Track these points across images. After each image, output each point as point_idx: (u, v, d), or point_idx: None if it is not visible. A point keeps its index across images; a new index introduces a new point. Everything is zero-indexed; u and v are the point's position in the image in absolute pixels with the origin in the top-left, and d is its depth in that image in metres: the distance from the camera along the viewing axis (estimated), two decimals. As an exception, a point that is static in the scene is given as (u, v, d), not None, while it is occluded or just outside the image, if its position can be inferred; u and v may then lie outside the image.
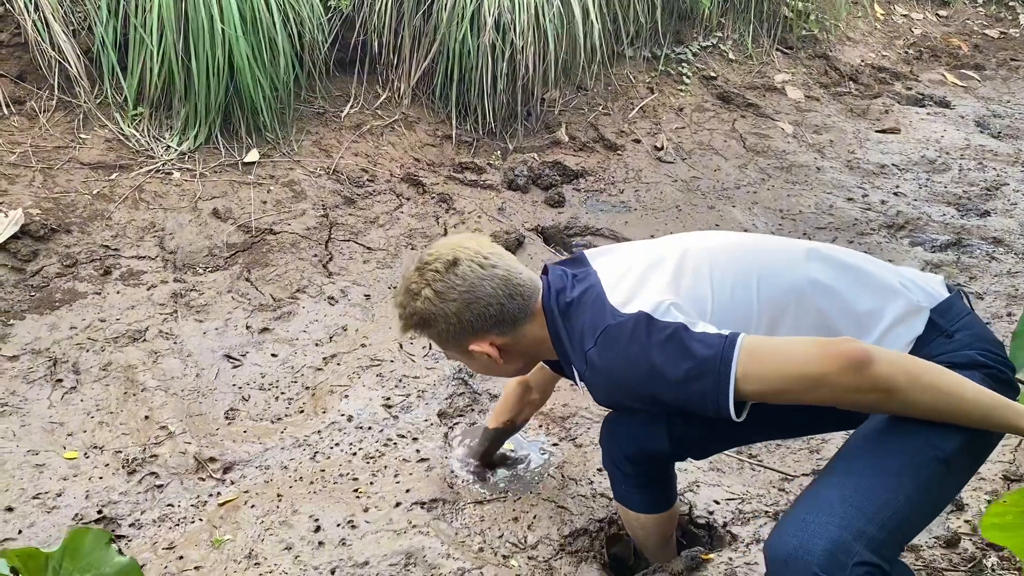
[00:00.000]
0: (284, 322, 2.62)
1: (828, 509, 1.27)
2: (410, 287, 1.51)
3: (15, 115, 3.04)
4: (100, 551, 0.77)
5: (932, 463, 1.31)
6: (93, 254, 2.74)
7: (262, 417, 2.27)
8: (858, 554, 1.22)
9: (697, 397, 1.30)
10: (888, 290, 1.42)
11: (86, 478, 2.02)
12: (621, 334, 1.35)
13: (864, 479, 1.30)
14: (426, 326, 1.51)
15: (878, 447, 1.34)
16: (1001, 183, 3.91)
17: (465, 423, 2.26)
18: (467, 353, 1.54)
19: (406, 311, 1.52)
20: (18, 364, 2.34)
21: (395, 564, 1.79)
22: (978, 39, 5.85)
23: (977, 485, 2.06)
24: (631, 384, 1.35)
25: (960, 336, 1.40)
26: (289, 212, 3.06)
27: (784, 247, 1.50)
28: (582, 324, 1.42)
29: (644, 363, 1.32)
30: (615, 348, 1.35)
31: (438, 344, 1.57)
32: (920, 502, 1.32)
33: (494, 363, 1.54)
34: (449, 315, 1.47)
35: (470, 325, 1.48)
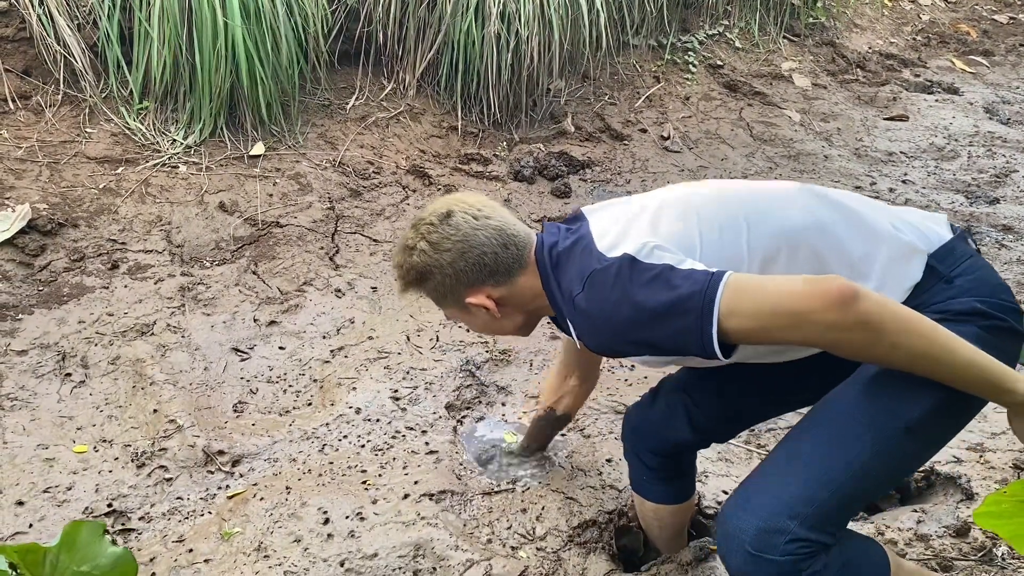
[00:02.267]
0: (291, 315, 2.62)
1: (772, 484, 1.28)
2: (406, 243, 1.52)
3: (21, 110, 3.04)
4: (95, 543, 0.77)
5: (894, 433, 1.29)
6: (100, 248, 2.74)
7: (270, 410, 2.27)
8: (791, 532, 1.23)
9: (682, 335, 1.26)
10: (882, 233, 1.36)
11: (96, 472, 2.03)
12: (607, 277, 1.33)
13: (816, 451, 1.29)
14: (423, 280, 1.51)
15: (837, 415, 1.32)
16: (1011, 170, 3.88)
17: (472, 415, 2.26)
18: (465, 308, 1.52)
19: (403, 268, 1.52)
20: (27, 358, 2.35)
21: (404, 556, 1.79)
22: (987, 25, 5.80)
23: (987, 475, 2.05)
24: (618, 326, 1.32)
25: (960, 281, 1.34)
26: (295, 205, 3.06)
27: (775, 188, 1.47)
28: (571, 272, 1.41)
29: (628, 303, 1.29)
30: (601, 291, 1.33)
31: (436, 301, 1.56)
32: (876, 472, 1.30)
33: (492, 318, 1.52)
34: (444, 265, 1.47)
35: (465, 276, 1.47)
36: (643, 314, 1.28)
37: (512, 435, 2.14)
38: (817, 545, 1.25)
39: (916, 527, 1.91)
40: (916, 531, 1.90)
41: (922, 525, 1.91)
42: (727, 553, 1.30)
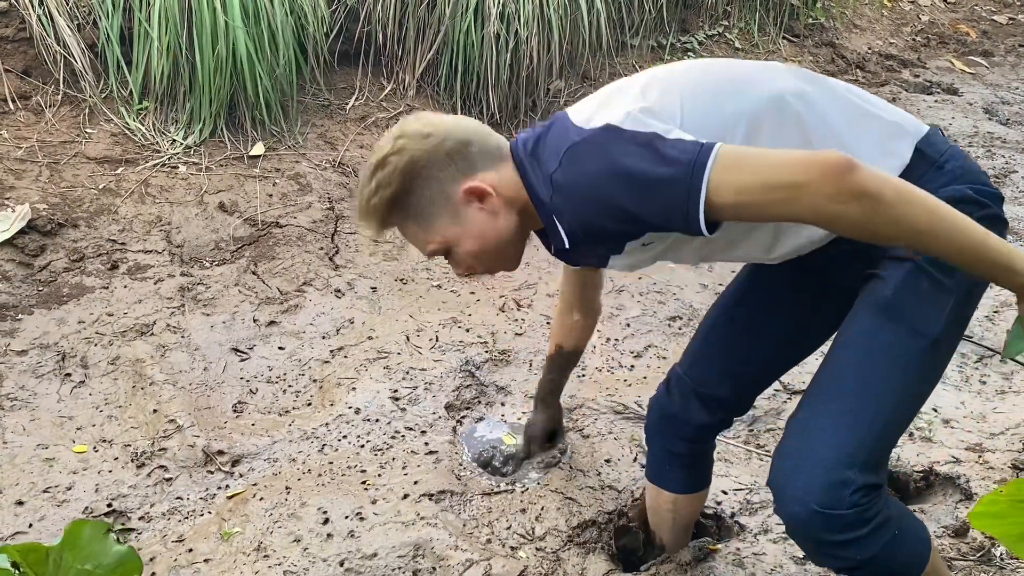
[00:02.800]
0: (291, 315, 2.62)
1: (825, 437, 1.25)
2: (377, 161, 1.36)
3: (21, 110, 3.04)
4: (99, 542, 0.77)
5: (921, 352, 1.28)
6: (100, 248, 2.74)
7: (270, 410, 2.28)
8: (854, 482, 1.22)
9: (669, 207, 1.19)
10: (869, 111, 1.34)
11: (95, 472, 2.03)
12: (587, 148, 1.25)
13: (856, 393, 1.27)
14: (411, 183, 1.34)
15: (864, 351, 1.29)
16: (1010, 170, 3.89)
17: (472, 416, 2.26)
18: (456, 215, 1.36)
19: (381, 186, 1.35)
20: (27, 359, 2.35)
21: (403, 556, 1.80)
22: (986, 25, 5.80)
23: (986, 475, 2.05)
24: (598, 197, 1.24)
25: (951, 167, 1.31)
26: (295, 205, 3.06)
27: (761, 64, 1.43)
28: (547, 154, 1.31)
29: (612, 172, 1.22)
30: (582, 163, 1.25)
31: (422, 216, 1.37)
32: (913, 395, 1.31)
33: (491, 217, 1.36)
34: (432, 152, 1.33)
35: (459, 158, 1.34)
36: (629, 183, 1.20)
37: (511, 436, 2.14)
38: (876, 489, 1.25)
39: (915, 527, 1.91)
40: (915, 531, 1.90)
41: (921, 525, 1.92)
42: (793, 517, 1.27)
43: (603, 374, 2.42)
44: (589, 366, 2.45)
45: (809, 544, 1.29)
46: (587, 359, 2.47)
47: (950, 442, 2.17)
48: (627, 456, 2.11)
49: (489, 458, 2.09)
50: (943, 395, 2.35)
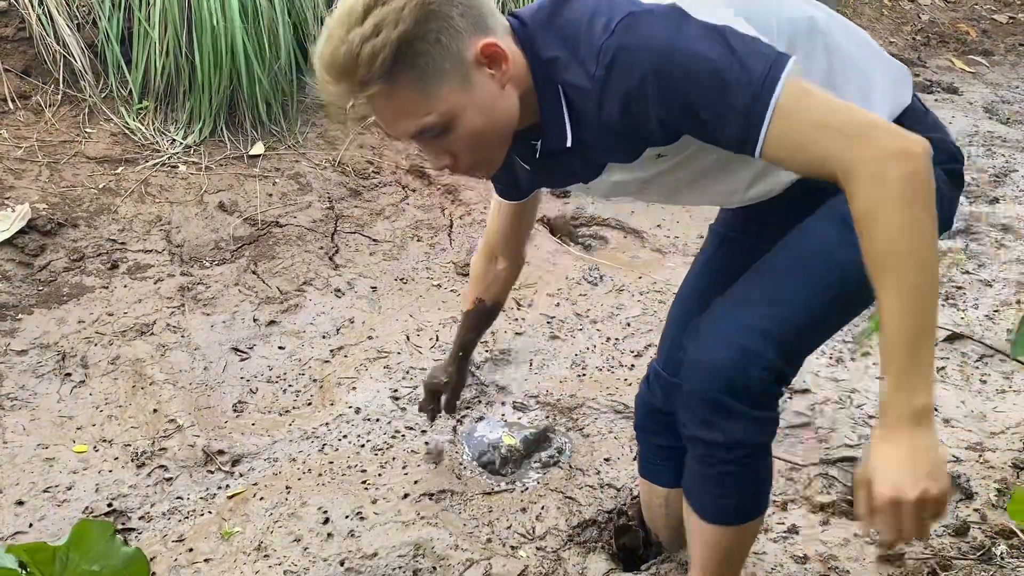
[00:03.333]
0: (291, 315, 2.62)
1: (746, 308, 1.24)
2: (365, 5, 1.10)
3: (21, 110, 3.04)
4: (106, 542, 0.77)
5: (863, 270, 1.21)
6: (100, 248, 2.74)
7: (270, 410, 2.28)
8: (767, 357, 1.20)
9: (727, 114, 1.09)
10: (879, 53, 1.35)
11: (96, 471, 2.03)
12: (652, 19, 1.10)
13: (786, 281, 1.25)
14: (425, 25, 1.11)
15: (806, 247, 1.27)
16: (1010, 169, 3.88)
17: (472, 415, 2.26)
18: (466, 76, 1.15)
19: (381, 26, 1.09)
20: (27, 358, 2.35)
21: (404, 555, 1.80)
22: (986, 24, 5.80)
23: (986, 474, 2.05)
24: (663, 71, 1.08)
25: (931, 118, 1.34)
26: (295, 205, 3.06)
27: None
28: (585, 24, 1.15)
29: (685, 50, 1.08)
30: (646, 31, 1.10)
31: (425, 77, 1.13)
32: (843, 302, 1.28)
33: (499, 92, 1.18)
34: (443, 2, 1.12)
35: (469, 4, 1.15)
36: (699, 68, 1.08)
37: (511, 437, 2.15)
38: (783, 380, 1.24)
39: (915, 526, 1.91)
40: (915, 530, 1.90)
41: (921, 524, 1.91)
42: (697, 365, 1.24)
43: (603, 373, 2.42)
44: (589, 365, 2.45)
45: (695, 399, 1.25)
46: (587, 358, 2.47)
47: (950, 441, 2.17)
48: (627, 455, 2.11)
49: (489, 458, 2.09)
50: (943, 394, 2.35)
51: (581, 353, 2.50)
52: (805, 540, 1.87)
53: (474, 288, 1.79)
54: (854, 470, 1.92)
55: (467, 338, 1.86)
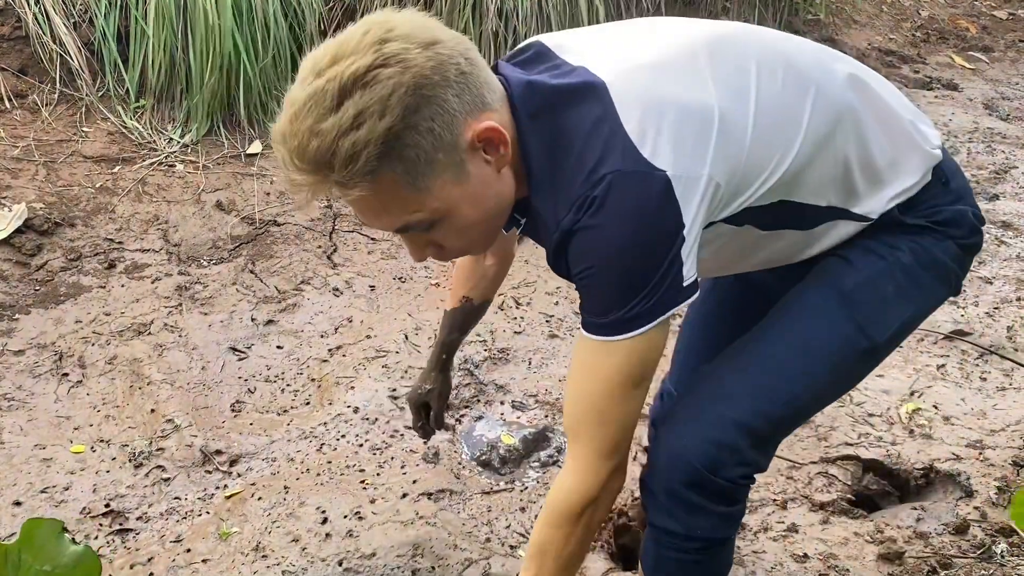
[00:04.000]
0: (289, 314, 2.61)
1: (729, 398, 1.19)
2: (341, 77, 0.93)
3: (17, 109, 3.03)
4: (55, 541, 0.76)
5: (857, 354, 1.21)
6: (97, 248, 2.73)
7: (268, 409, 2.27)
8: (742, 454, 1.17)
9: (608, 302, 1.07)
10: (909, 140, 1.21)
11: (93, 472, 2.02)
12: (639, 190, 1.01)
13: (773, 371, 1.20)
14: (416, 115, 0.95)
15: (799, 333, 1.21)
16: (1010, 166, 3.87)
17: (471, 415, 2.25)
18: (460, 167, 1.02)
19: (363, 117, 0.93)
20: (24, 358, 2.34)
21: (402, 555, 1.79)
22: (986, 20, 5.79)
23: (986, 471, 2.05)
24: (604, 271, 1.06)
25: (954, 184, 1.25)
26: (293, 203, 3.05)
27: (820, 55, 1.21)
28: (576, 151, 1.04)
29: (635, 243, 1.03)
30: (618, 207, 1.02)
31: (430, 156, 0.99)
32: (829, 392, 1.26)
33: (493, 178, 1.06)
34: (441, 69, 0.96)
35: (467, 81, 1.00)
36: (628, 281, 1.05)
37: (510, 436, 2.14)
38: (754, 474, 1.21)
39: (915, 525, 1.91)
40: (915, 529, 1.89)
41: (921, 523, 1.91)
42: (668, 455, 1.20)
43: (602, 372, 2.42)
44: (588, 364, 2.44)
45: (661, 489, 1.21)
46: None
47: (950, 439, 2.17)
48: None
49: (488, 457, 2.08)
50: (943, 392, 2.35)
51: (580, 352, 2.49)
52: (805, 539, 1.87)
53: (460, 285, 1.63)
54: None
55: (450, 339, 1.67)
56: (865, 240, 1.24)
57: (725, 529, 1.24)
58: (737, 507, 1.23)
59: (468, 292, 1.61)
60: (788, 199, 1.16)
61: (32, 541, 0.72)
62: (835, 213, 1.20)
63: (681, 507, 1.20)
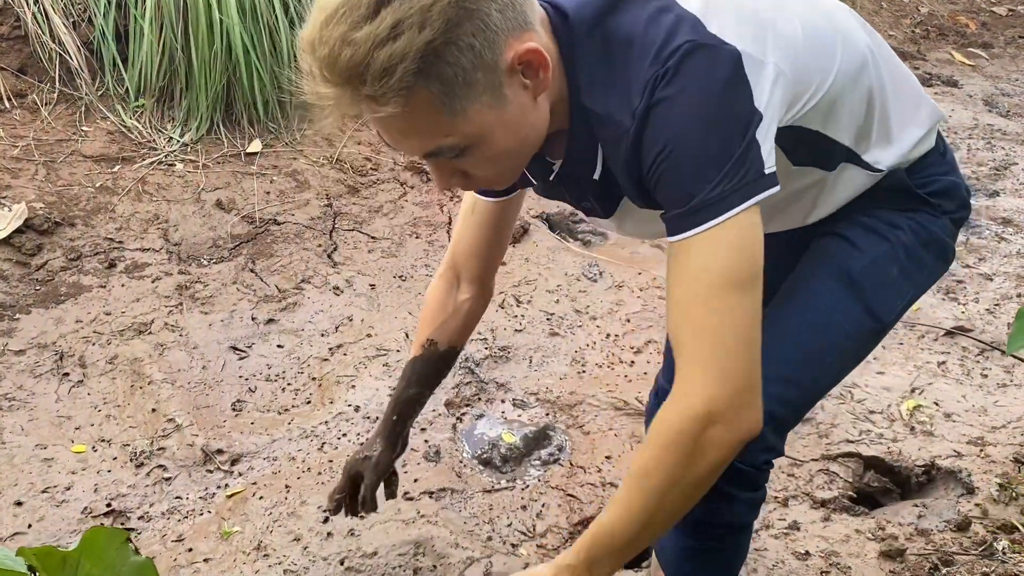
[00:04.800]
0: (290, 313, 2.61)
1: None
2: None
3: (17, 108, 3.03)
4: (117, 550, 0.76)
5: (866, 334, 1.23)
6: (97, 247, 2.73)
7: (269, 408, 2.27)
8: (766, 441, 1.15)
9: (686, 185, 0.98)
10: (917, 93, 1.26)
11: (94, 471, 2.02)
12: (712, 59, 0.96)
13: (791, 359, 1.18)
14: (457, 29, 0.89)
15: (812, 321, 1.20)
16: (1010, 162, 3.87)
17: (472, 413, 2.25)
18: (498, 90, 0.95)
19: (401, 27, 0.86)
20: (24, 358, 2.34)
21: (404, 554, 1.79)
22: (986, 17, 5.78)
23: (988, 468, 2.05)
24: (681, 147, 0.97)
25: (948, 156, 1.29)
26: (293, 202, 3.05)
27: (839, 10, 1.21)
28: (638, 40, 0.98)
29: (714, 103, 0.96)
30: (695, 77, 0.96)
31: (469, 76, 0.92)
32: (840, 373, 1.26)
33: (531, 105, 0.99)
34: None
35: (509, 7, 0.93)
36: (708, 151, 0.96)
37: (511, 434, 2.14)
38: (776, 456, 1.21)
39: (917, 522, 1.91)
40: (917, 526, 1.89)
41: (923, 520, 1.91)
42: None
43: (603, 370, 2.42)
44: (589, 362, 2.44)
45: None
46: (587, 355, 2.47)
47: (951, 436, 2.17)
48: (628, 452, 2.10)
49: (489, 455, 2.08)
50: (944, 388, 2.35)
51: (581, 350, 2.49)
52: (806, 536, 1.87)
53: (425, 325, 1.39)
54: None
55: (407, 395, 1.41)
56: (864, 218, 1.25)
57: (748, 515, 1.25)
58: (760, 492, 1.24)
59: (434, 334, 1.38)
60: (823, 131, 1.15)
61: (94, 549, 0.73)
62: (850, 155, 1.21)
63: (709, 496, 1.18)
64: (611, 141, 1.02)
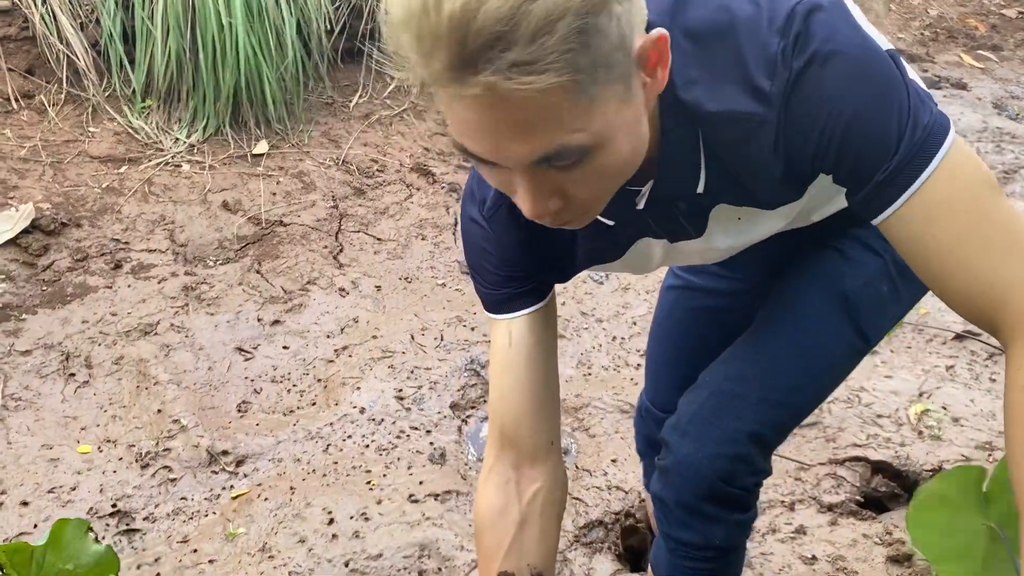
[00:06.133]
0: (295, 314, 2.61)
1: (741, 408, 1.13)
2: None
3: (24, 109, 3.04)
4: (79, 541, 0.77)
5: (854, 355, 1.19)
6: (104, 248, 2.74)
7: (274, 410, 2.27)
8: (754, 462, 1.14)
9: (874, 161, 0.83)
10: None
11: (100, 472, 2.02)
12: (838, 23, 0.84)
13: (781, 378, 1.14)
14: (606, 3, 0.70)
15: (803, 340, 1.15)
16: (1019, 166, 3.85)
17: (478, 415, 2.25)
18: (628, 83, 0.76)
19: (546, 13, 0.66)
20: (31, 359, 2.34)
21: (409, 556, 1.79)
22: (995, 19, 5.76)
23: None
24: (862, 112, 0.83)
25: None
26: (299, 203, 3.05)
27: None
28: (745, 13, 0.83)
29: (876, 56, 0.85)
30: (837, 35, 0.83)
31: (608, 59, 0.72)
32: (827, 392, 1.22)
33: (643, 107, 0.79)
34: None
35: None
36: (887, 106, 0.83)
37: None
38: (765, 477, 1.20)
39: (925, 527, 1.89)
40: (925, 531, 1.88)
41: (931, 525, 1.90)
42: (678, 488, 1.14)
43: (609, 373, 2.41)
44: (595, 364, 2.43)
45: (676, 502, 1.16)
46: (593, 357, 2.46)
47: (960, 440, 2.15)
48: (634, 456, 2.09)
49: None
50: (952, 393, 2.33)
51: (587, 352, 2.48)
52: (813, 540, 1.86)
53: (490, 557, 1.03)
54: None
55: None
56: (860, 229, 1.17)
57: (740, 535, 1.25)
58: (750, 513, 1.23)
59: (506, 565, 1.03)
60: None
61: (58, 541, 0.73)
62: None
63: (697, 519, 1.18)
64: (738, 140, 0.86)
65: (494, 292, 1.02)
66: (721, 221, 0.99)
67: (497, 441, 1.06)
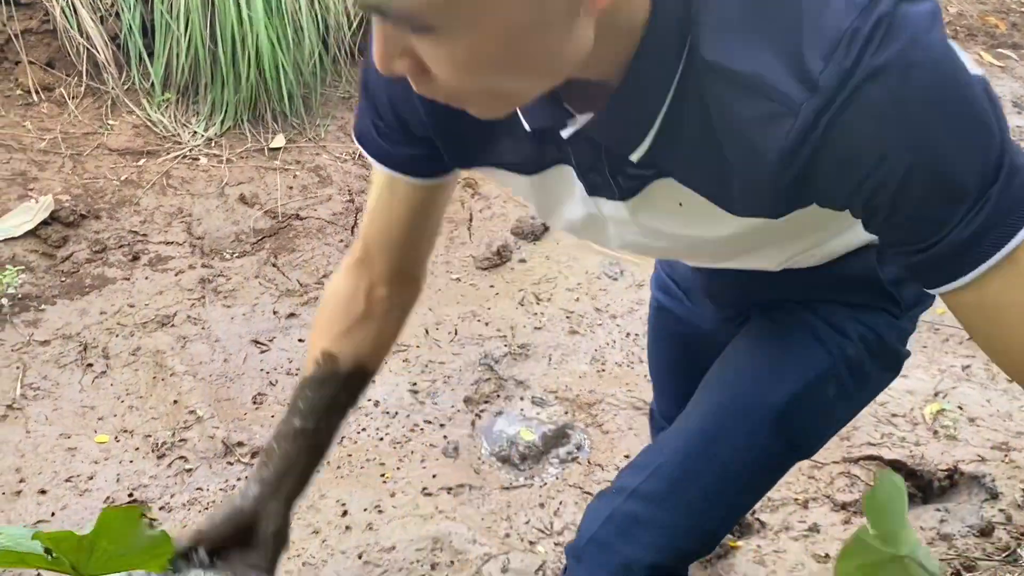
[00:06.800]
0: (311, 307, 2.62)
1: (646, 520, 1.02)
2: None
3: (44, 102, 3.06)
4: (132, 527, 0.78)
5: (785, 466, 1.06)
6: (122, 240, 2.76)
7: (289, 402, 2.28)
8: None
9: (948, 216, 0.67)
10: None
11: (117, 461, 2.04)
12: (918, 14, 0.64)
13: (699, 496, 1.01)
14: None
15: (725, 456, 1.01)
16: (1039, 165, 3.82)
17: (491, 410, 2.25)
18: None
19: None
20: (50, 349, 2.37)
21: (422, 549, 1.80)
22: (1016, 17, 5.70)
23: (1012, 474, 2.02)
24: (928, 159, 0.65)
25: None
26: (315, 197, 3.06)
27: None
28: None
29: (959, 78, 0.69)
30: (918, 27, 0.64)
31: None
32: (745, 506, 1.11)
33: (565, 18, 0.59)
34: None
35: None
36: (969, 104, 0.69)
37: (529, 432, 2.14)
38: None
39: (939, 526, 1.89)
40: (939, 530, 1.87)
41: (945, 524, 1.89)
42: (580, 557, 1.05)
43: (623, 369, 2.41)
44: (609, 360, 2.44)
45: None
46: (607, 353, 2.46)
47: (975, 440, 2.14)
48: (646, 452, 2.09)
49: (507, 453, 2.08)
50: (968, 393, 2.32)
51: (600, 348, 2.49)
52: (827, 539, 1.85)
53: (322, 332, 1.00)
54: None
55: (302, 427, 1.01)
56: (811, 316, 1.02)
57: None
58: None
59: (331, 344, 0.98)
60: None
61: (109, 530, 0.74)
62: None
63: None
64: (744, 119, 0.66)
65: (385, 144, 0.87)
66: (659, 199, 0.78)
67: (361, 250, 0.99)
